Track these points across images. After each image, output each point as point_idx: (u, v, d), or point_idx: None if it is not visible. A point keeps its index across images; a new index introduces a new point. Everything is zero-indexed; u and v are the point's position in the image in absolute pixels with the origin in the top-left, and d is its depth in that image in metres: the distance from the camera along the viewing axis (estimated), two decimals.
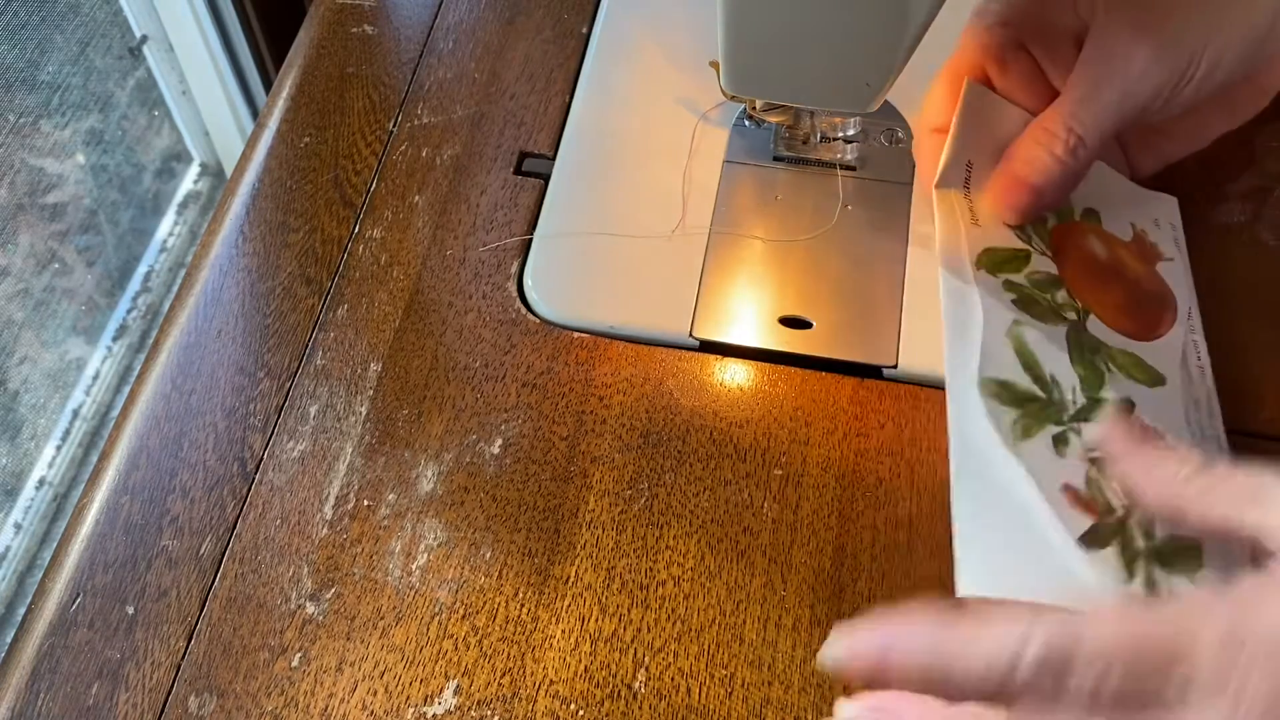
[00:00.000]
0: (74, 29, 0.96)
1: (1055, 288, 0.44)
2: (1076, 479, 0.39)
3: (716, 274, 0.49)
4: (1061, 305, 0.43)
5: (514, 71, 0.56)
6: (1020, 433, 0.39)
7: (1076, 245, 0.46)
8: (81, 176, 1.01)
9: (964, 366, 0.40)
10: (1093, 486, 0.39)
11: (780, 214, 0.51)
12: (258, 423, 0.46)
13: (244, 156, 0.54)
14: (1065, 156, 0.42)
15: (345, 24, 0.59)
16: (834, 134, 0.52)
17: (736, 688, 0.40)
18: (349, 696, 0.40)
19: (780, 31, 0.43)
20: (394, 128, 0.55)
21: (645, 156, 0.52)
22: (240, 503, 0.44)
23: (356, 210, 0.52)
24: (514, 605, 0.42)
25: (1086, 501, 0.38)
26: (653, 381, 0.46)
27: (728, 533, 0.43)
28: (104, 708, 0.40)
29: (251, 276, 0.50)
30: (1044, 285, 0.44)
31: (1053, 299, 0.43)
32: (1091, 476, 0.39)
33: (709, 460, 0.44)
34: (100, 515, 0.44)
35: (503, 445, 0.45)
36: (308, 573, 0.43)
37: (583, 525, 0.43)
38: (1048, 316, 0.43)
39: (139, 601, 0.42)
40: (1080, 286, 0.44)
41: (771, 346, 0.47)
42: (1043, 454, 0.39)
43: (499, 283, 0.49)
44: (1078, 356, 0.42)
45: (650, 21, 0.57)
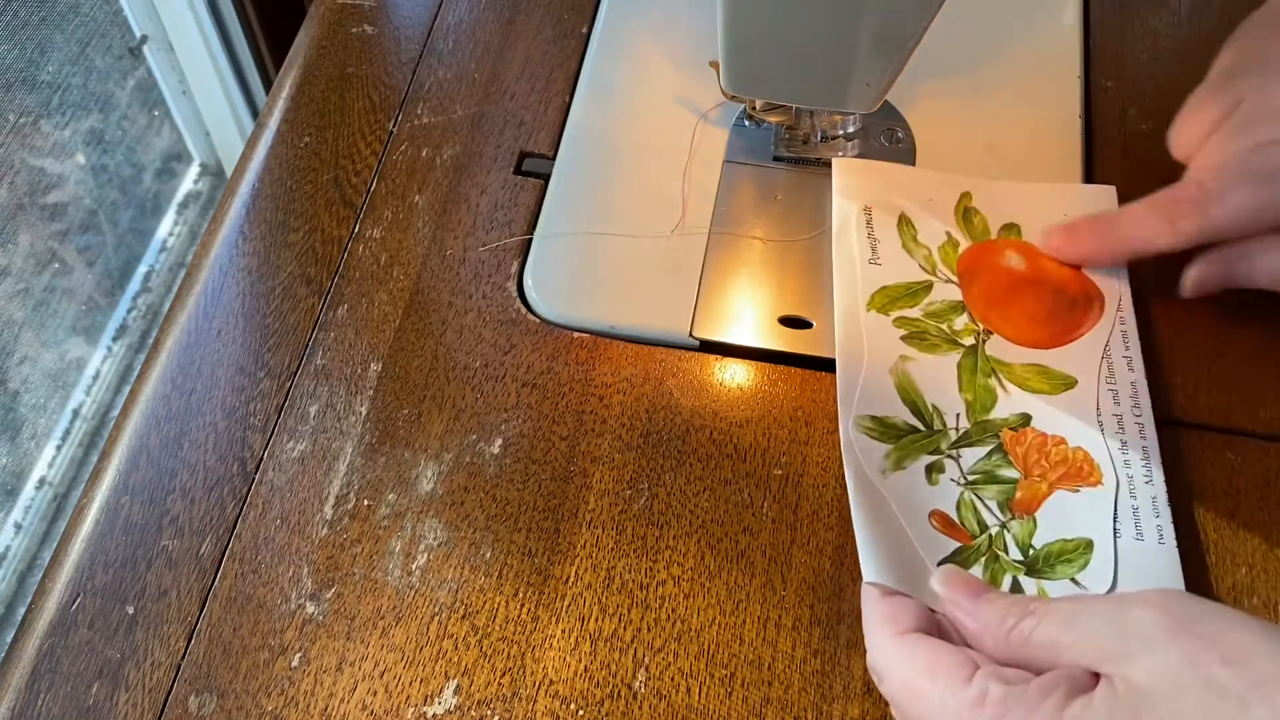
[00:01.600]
0: (74, 29, 0.96)
1: (955, 314, 0.46)
2: (948, 504, 0.41)
3: (716, 274, 0.49)
4: (959, 332, 0.45)
5: (514, 71, 0.56)
6: (892, 465, 0.42)
7: (989, 265, 0.47)
8: (81, 176, 1.01)
9: (846, 404, 0.43)
10: (964, 509, 0.41)
11: (780, 214, 0.51)
12: (258, 423, 0.46)
13: (244, 156, 0.54)
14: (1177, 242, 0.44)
15: (345, 24, 0.59)
16: (834, 134, 0.52)
17: (736, 688, 0.40)
18: (349, 696, 0.40)
19: (780, 31, 0.43)
20: (394, 128, 0.55)
21: (645, 156, 0.52)
22: (240, 503, 0.44)
23: (356, 210, 0.52)
24: (514, 605, 0.42)
25: (955, 526, 0.41)
26: (653, 381, 0.46)
27: (728, 533, 0.43)
28: (104, 708, 0.40)
29: (251, 276, 0.50)
30: (942, 314, 0.46)
31: (949, 326, 0.46)
32: (965, 500, 0.42)
33: (709, 460, 0.44)
34: (100, 515, 0.44)
35: (503, 445, 0.45)
36: (308, 573, 0.43)
37: (583, 525, 0.43)
38: (940, 346, 0.45)
39: (139, 601, 0.42)
40: (987, 306, 0.46)
41: (771, 346, 0.47)
42: (912, 483, 0.42)
43: (499, 283, 0.49)
44: (968, 383, 0.44)
45: (650, 21, 0.57)
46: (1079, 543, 0.40)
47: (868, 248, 0.47)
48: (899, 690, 0.34)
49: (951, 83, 0.54)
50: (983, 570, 0.40)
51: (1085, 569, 0.40)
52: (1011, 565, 0.40)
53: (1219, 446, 0.44)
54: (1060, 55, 0.55)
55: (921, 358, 0.45)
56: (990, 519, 0.41)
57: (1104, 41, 0.55)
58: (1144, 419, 0.43)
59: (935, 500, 0.41)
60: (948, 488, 0.42)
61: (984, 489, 0.42)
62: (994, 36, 0.55)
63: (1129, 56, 0.55)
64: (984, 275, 0.47)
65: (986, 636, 0.34)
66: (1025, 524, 0.41)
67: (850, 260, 0.47)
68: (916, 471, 0.42)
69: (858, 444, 0.42)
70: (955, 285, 0.47)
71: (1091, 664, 0.31)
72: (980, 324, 0.46)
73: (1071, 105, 0.53)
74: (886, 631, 0.35)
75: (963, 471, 0.42)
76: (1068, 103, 0.53)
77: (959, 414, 0.43)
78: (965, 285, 0.47)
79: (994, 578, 0.40)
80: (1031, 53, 0.55)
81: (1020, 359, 0.45)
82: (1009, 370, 0.44)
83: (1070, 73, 0.54)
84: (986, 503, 0.41)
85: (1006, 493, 0.42)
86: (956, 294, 0.46)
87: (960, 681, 0.32)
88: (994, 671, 0.32)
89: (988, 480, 0.42)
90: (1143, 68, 0.54)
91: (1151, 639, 0.30)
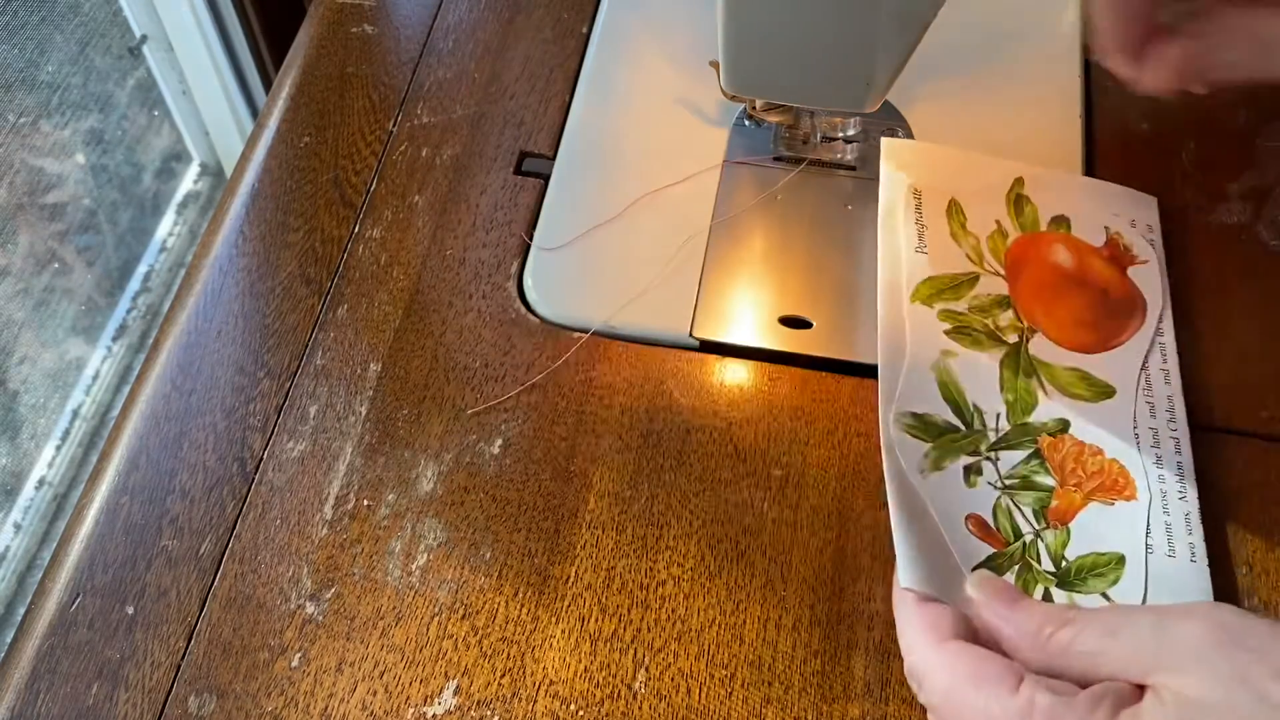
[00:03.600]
0: (74, 29, 0.96)
1: (1000, 309, 0.45)
2: (984, 508, 0.41)
3: (716, 274, 0.49)
4: (1003, 328, 0.44)
5: (514, 71, 0.56)
6: (930, 465, 0.41)
7: (1038, 257, 0.46)
8: (81, 176, 1.01)
9: (888, 399, 0.42)
10: (1000, 514, 0.41)
11: (780, 214, 0.51)
12: (258, 423, 0.46)
13: (244, 156, 0.54)
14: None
15: (345, 24, 0.59)
16: (834, 134, 0.52)
17: (736, 688, 0.40)
18: (349, 696, 0.40)
19: (780, 31, 0.43)
20: (394, 128, 0.55)
21: (645, 156, 0.52)
22: (240, 503, 0.44)
23: (356, 210, 0.52)
24: (514, 605, 0.42)
25: (991, 531, 0.40)
26: (653, 381, 0.46)
27: (728, 533, 0.43)
28: (104, 708, 0.40)
29: (251, 276, 0.50)
30: (986, 308, 0.45)
31: (994, 323, 0.44)
32: (1001, 505, 0.41)
33: (709, 460, 0.44)
34: (100, 515, 0.44)
35: (503, 445, 0.45)
36: (308, 573, 0.43)
37: (583, 525, 0.43)
38: (983, 343, 0.44)
39: (139, 601, 0.42)
40: (1033, 302, 0.45)
41: (771, 346, 0.47)
42: (950, 485, 0.41)
43: (499, 283, 0.49)
44: (1009, 383, 0.43)
45: (650, 21, 0.57)
46: (1111, 557, 0.40)
47: (914, 234, 0.46)
48: (940, 698, 0.33)
49: (951, 83, 0.54)
50: (1015, 578, 0.39)
51: (1116, 584, 0.39)
52: (1044, 576, 0.39)
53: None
54: (1060, 55, 0.55)
55: (964, 354, 0.44)
56: (1025, 526, 0.40)
57: None
58: (1179, 434, 0.43)
59: (972, 503, 0.41)
60: (985, 491, 0.41)
61: (1020, 495, 0.41)
62: (994, 36, 0.55)
63: None
64: (1032, 269, 0.46)
65: (1023, 644, 0.33)
66: (1059, 534, 0.40)
67: (896, 246, 0.46)
68: (955, 472, 0.41)
69: (898, 443, 0.41)
70: (1002, 279, 0.45)
71: (1137, 676, 0.30)
72: (1025, 321, 0.44)
73: (1072, 105, 0.53)
74: (926, 639, 0.34)
75: (1000, 475, 0.41)
76: (1068, 102, 0.53)
77: (999, 414, 0.43)
78: (1012, 278, 0.45)
79: (1025, 587, 0.39)
80: (1031, 53, 0.55)
81: (1062, 361, 0.44)
82: (1051, 372, 0.44)
83: (1070, 73, 0.54)
84: (1022, 509, 0.41)
85: (1042, 500, 0.41)
86: (1003, 287, 0.45)
87: (1006, 690, 0.31)
88: (1041, 681, 0.31)
89: (1024, 486, 0.41)
90: None
91: (1201, 652, 0.30)
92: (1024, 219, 0.47)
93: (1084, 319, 0.45)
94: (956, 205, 0.47)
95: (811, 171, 0.52)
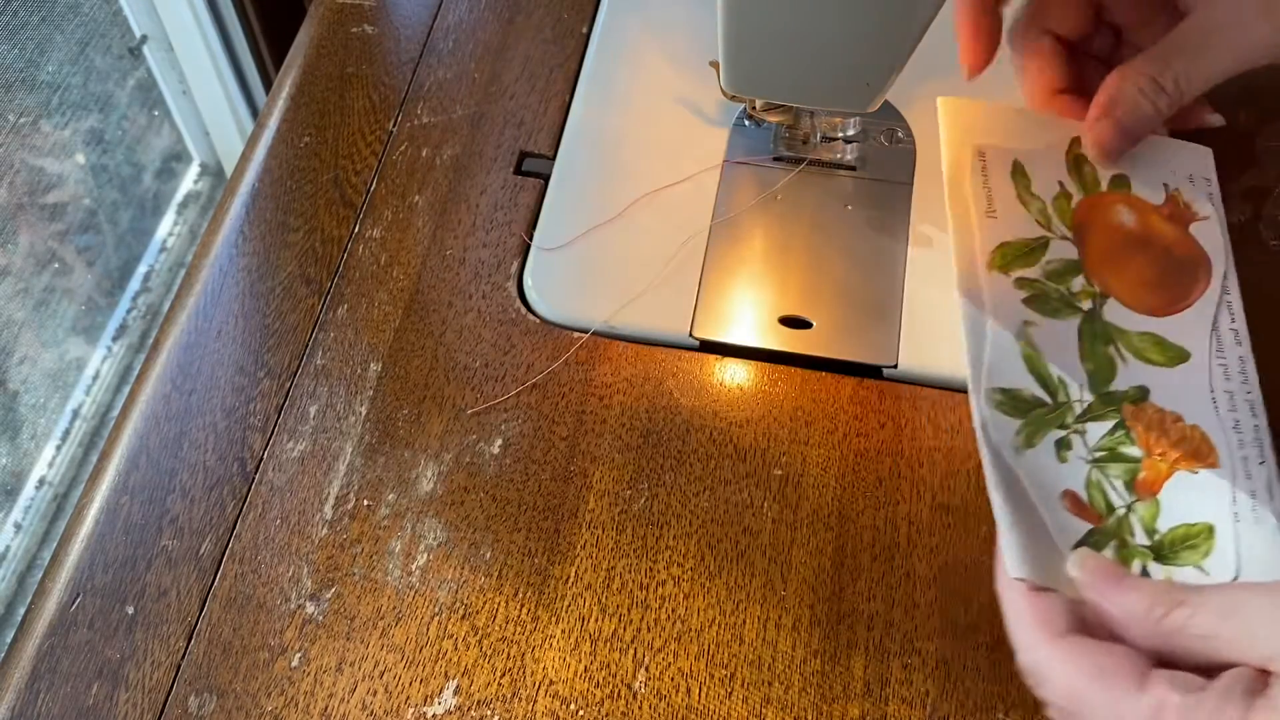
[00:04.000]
0: (74, 29, 0.96)
1: (1072, 274, 0.43)
2: (1077, 483, 0.39)
3: (716, 274, 0.49)
4: (1076, 295, 0.43)
5: (514, 71, 0.56)
6: (1024, 442, 0.39)
7: (1102, 220, 0.44)
8: (81, 176, 1.01)
9: (977, 375, 0.40)
10: (1093, 489, 0.39)
11: (780, 214, 0.51)
12: (258, 423, 0.46)
13: (244, 156, 0.54)
14: (1165, 110, 0.42)
15: (345, 24, 0.59)
16: (834, 134, 0.52)
17: (736, 688, 0.40)
18: (349, 696, 0.40)
19: (780, 31, 0.43)
20: (394, 128, 0.55)
21: (645, 156, 0.52)
22: (240, 503, 0.44)
23: (356, 210, 0.52)
24: (514, 605, 0.42)
25: (1085, 507, 0.39)
26: (653, 381, 0.46)
27: (728, 533, 0.43)
28: (104, 708, 0.40)
29: (251, 276, 0.50)
30: (1059, 275, 0.43)
31: (1067, 289, 0.43)
32: (1093, 479, 0.39)
33: (709, 460, 0.44)
34: (100, 515, 0.44)
35: (503, 445, 0.45)
36: (308, 573, 0.43)
37: (582, 525, 0.43)
38: (1060, 310, 0.42)
39: (139, 601, 0.42)
40: (1102, 266, 0.43)
41: (771, 346, 0.47)
42: (1044, 462, 0.39)
43: (499, 283, 0.49)
44: (1089, 351, 0.42)
45: (650, 21, 0.57)
46: (1201, 528, 0.38)
47: (983, 198, 0.44)
48: (1063, 697, 0.32)
49: (951, 83, 0.54)
50: (1113, 555, 0.38)
51: (1209, 556, 0.38)
52: (1139, 551, 0.38)
53: None
54: None
55: (1044, 323, 0.42)
56: (1117, 500, 0.39)
57: None
58: (1253, 396, 0.41)
59: (1066, 479, 0.39)
60: (1076, 466, 0.39)
61: (1109, 467, 0.39)
62: None
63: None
64: (1097, 231, 0.44)
65: (1133, 625, 0.32)
66: (1149, 506, 0.39)
67: (966, 211, 0.44)
68: (1047, 448, 0.39)
69: (991, 421, 0.39)
70: (1070, 243, 0.43)
71: (1257, 660, 0.30)
72: (1096, 286, 0.43)
73: None
74: (1043, 634, 0.33)
75: (1089, 448, 0.40)
76: None
77: (1082, 385, 0.41)
78: (1080, 242, 0.44)
79: (1123, 563, 0.37)
80: None
81: (1136, 326, 0.42)
82: (1126, 338, 0.42)
83: None
84: (1112, 482, 0.39)
85: (1131, 471, 0.39)
86: (1072, 252, 0.43)
87: (1133, 688, 0.30)
88: (1168, 677, 0.30)
89: (1113, 458, 0.40)
90: None
91: None
92: (1085, 180, 0.45)
93: (1151, 281, 0.43)
94: (1020, 167, 0.45)
95: (811, 171, 0.52)
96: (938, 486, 0.44)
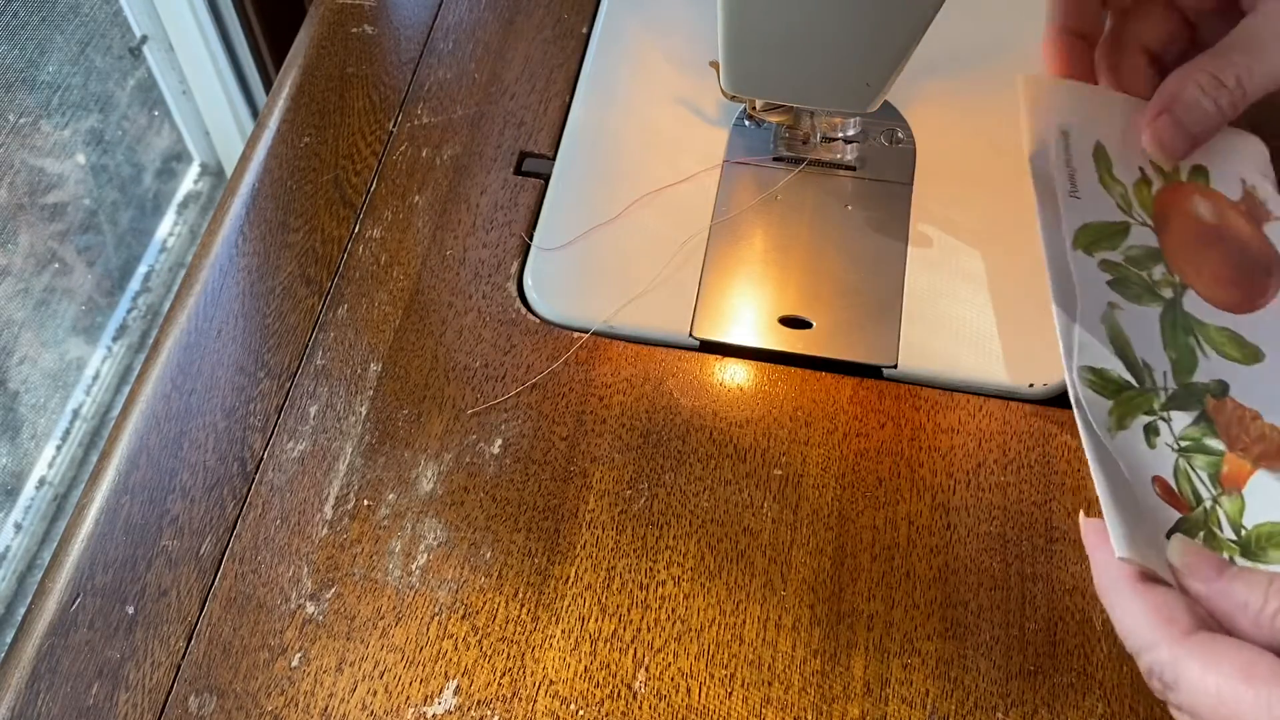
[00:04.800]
0: (74, 29, 0.96)
1: (1153, 262, 0.42)
2: (1166, 470, 0.38)
3: (716, 274, 0.49)
4: (1158, 282, 0.42)
5: (514, 71, 0.56)
6: (1115, 423, 0.38)
7: (1181, 210, 0.44)
8: (81, 176, 1.01)
9: (1069, 351, 0.39)
10: (1181, 478, 0.38)
11: (780, 214, 0.51)
12: (258, 423, 0.46)
13: (244, 156, 0.54)
14: (1228, 109, 0.41)
15: (345, 24, 0.59)
16: (834, 134, 0.52)
17: (736, 688, 0.40)
18: (349, 696, 0.40)
19: (780, 31, 0.43)
20: (394, 128, 0.55)
21: (645, 156, 0.52)
22: (240, 503, 0.44)
23: (356, 210, 0.52)
24: (514, 605, 0.42)
25: (1175, 495, 0.38)
26: (653, 381, 0.46)
27: (728, 533, 0.43)
28: (104, 708, 0.40)
29: (251, 276, 0.50)
30: (1141, 261, 0.42)
31: (1149, 276, 0.42)
32: (1180, 467, 0.38)
33: (709, 460, 0.44)
34: (100, 515, 0.44)
35: (503, 445, 0.45)
36: (308, 573, 0.43)
37: (583, 525, 0.43)
38: (1143, 296, 0.41)
39: (139, 601, 0.42)
40: (1181, 257, 0.43)
41: (771, 346, 0.47)
42: (1135, 445, 0.38)
43: (499, 283, 0.49)
44: (1171, 339, 0.41)
45: (650, 21, 0.57)
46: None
47: (1066, 178, 0.43)
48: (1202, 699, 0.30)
49: (951, 83, 0.54)
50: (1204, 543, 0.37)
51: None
52: (1228, 544, 0.37)
53: None
54: None
55: (1128, 307, 0.41)
56: (1204, 491, 0.38)
57: None
58: None
59: (1155, 465, 0.38)
60: (1164, 452, 0.39)
61: (1195, 458, 0.39)
62: (994, 36, 0.55)
63: None
64: (1177, 221, 0.43)
65: (1242, 618, 0.31)
66: (1234, 500, 0.38)
67: (1051, 191, 0.43)
68: (1137, 432, 0.39)
69: (1085, 399, 0.38)
70: (1151, 230, 0.43)
71: None
72: (1177, 276, 0.42)
73: None
74: (1170, 632, 0.31)
75: (1175, 436, 0.39)
76: None
77: (1165, 373, 0.40)
78: (1160, 231, 0.43)
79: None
80: (1032, 53, 0.55)
81: (1215, 320, 0.41)
82: (1205, 331, 0.41)
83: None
84: (1198, 473, 0.38)
85: (1214, 465, 0.39)
86: (1153, 239, 0.42)
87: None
88: None
89: (1197, 449, 0.39)
90: None
91: None
92: (1165, 168, 0.44)
93: (1227, 278, 0.42)
94: (1102, 150, 0.44)
95: (811, 171, 0.52)
96: (938, 486, 0.44)
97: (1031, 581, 0.41)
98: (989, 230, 0.49)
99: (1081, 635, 0.40)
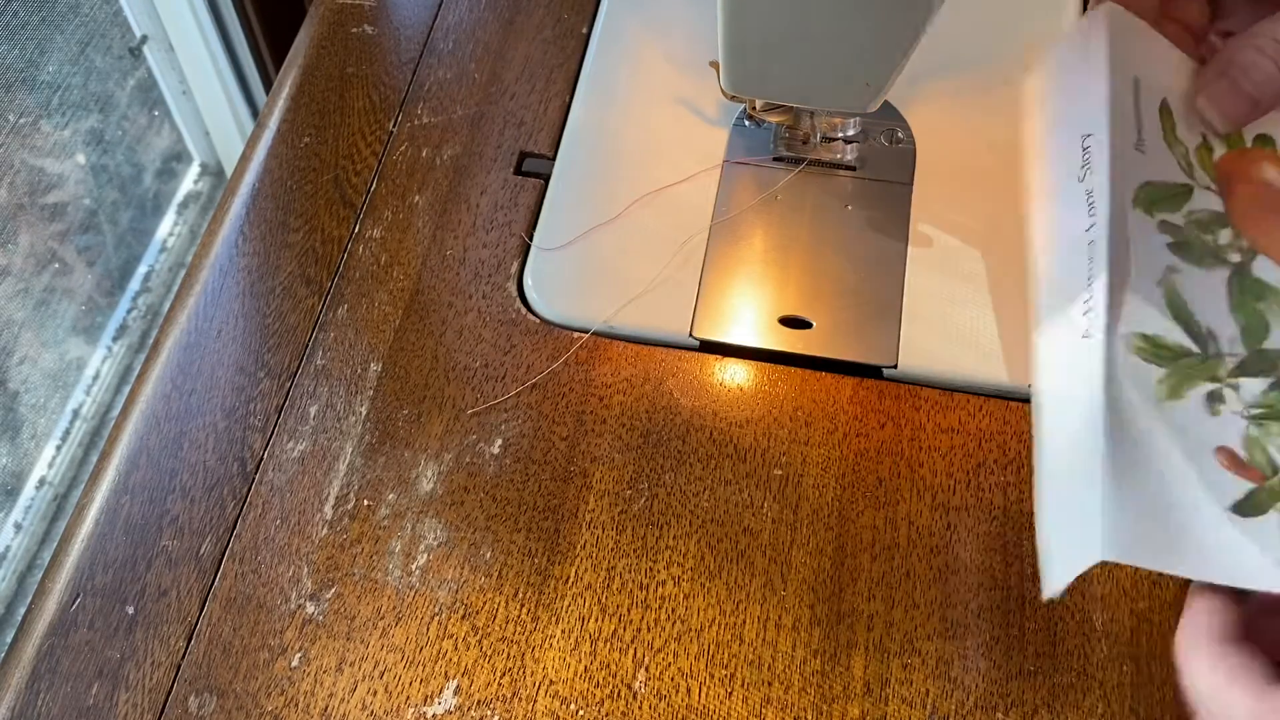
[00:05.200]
0: (74, 29, 0.96)
1: (1218, 226, 0.40)
2: (1234, 439, 0.36)
3: (716, 274, 0.49)
4: (1224, 247, 0.40)
5: (514, 71, 0.56)
6: (1166, 392, 0.37)
7: (1247, 175, 0.42)
8: (81, 176, 1.01)
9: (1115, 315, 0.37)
10: (1252, 447, 0.36)
11: (780, 214, 0.51)
12: (258, 423, 0.46)
13: (244, 156, 0.54)
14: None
15: (345, 24, 0.59)
16: (834, 134, 0.52)
17: (736, 688, 0.40)
18: (349, 696, 0.40)
19: (780, 31, 0.43)
20: (394, 128, 0.55)
21: (645, 156, 0.52)
22: (240, 503, 0.44)
23: (356, 210, 0.52)
24: (514, 605, 0.42)
25: (1243, 465, 0.36)
26: (653, 381, 0.46)
27: (728, 533, 0.43)
28: (104, 708, 0.40)
29: (251, 276, 0.50)
30: (1205, 224, 0.40)
31: (1214, 240, 0.40)
32: (1252, 436, 0.37)
33: (709, 460, 0.44)
34: (100, 515, 0.44)
35: (503, 445, 0.45)
36: (308, 573, 0.43)
37: (583, 525, 0.43)
38: (1206, 260, 0.40)
39: (139, 601, 0.42)
40: (1250, 222, 0.41)
41: (771, 346, 0.47)
42: (1193, 415, 0.36)
43: (499, 283, 0.49)
44: (1239, 304, 0.39)
45: (650, 21, 0.57)
46: None
47: (1133, 129, 0.41)
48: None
49: (951, 83, 0.54)
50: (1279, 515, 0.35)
51: None
52: None
53: None
54: None
55: (1190, 270, 0.39)
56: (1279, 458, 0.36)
57: None
58: None
59: (1220, 435, 0.36)
60: (1231, 420, 0.37)
61: (1270, 425, 0.37)
62: (994, 36, 0.55)
63: None
64: (1245, 187, 0.41)
65: None
66: None
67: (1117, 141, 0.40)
68: (1196, 400, 0.37)
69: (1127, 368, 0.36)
70: (1215, 194, 0.41)
71: None
72: (1245, 241, 0.40)
73: None
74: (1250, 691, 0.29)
75: (1245, 404, 0.37)
76: None
77: (1233, 339, 0.38)
78: (1225, 195, 0.41)
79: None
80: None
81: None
82: (1278, 296, 0.39)
83: None
84: (1274, 439, 0.37)
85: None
86: (1218, 204, 0.41)
87: None
88: None
89: (1272, 415, 0.37)
90: None
91: None
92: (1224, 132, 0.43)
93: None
94: (1167, 108, 0.42)
95: (811, 171, 0.52)
96: (938, 486, 0.44)
97: (1031, 581, 0.41)
98: (989, 230, 0.49)
99: (1081, 635, 0.40)
